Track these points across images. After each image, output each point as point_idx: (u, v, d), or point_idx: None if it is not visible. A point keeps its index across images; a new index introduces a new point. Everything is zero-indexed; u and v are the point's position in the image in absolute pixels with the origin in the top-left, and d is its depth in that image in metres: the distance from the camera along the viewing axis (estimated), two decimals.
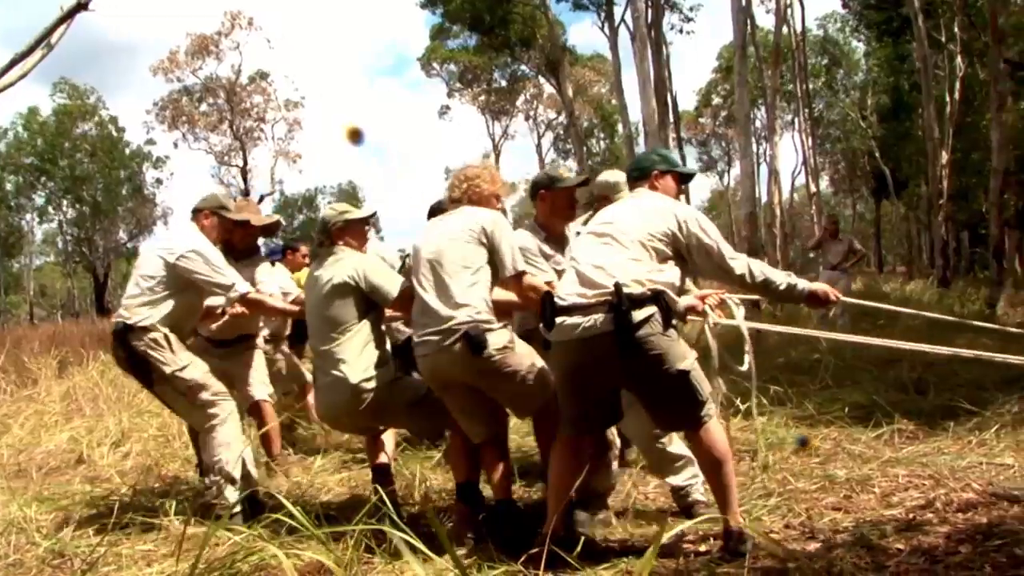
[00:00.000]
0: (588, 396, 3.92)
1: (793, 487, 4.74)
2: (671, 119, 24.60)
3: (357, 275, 4.50)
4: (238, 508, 4.66)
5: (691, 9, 31.39)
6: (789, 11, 28.99)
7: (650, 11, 21.51)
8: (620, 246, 3.85)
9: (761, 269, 3.97)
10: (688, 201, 37.22)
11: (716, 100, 51.13)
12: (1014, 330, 6.72)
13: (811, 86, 36.09)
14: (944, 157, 22.77)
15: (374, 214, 5.10)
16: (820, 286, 4.12)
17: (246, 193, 41.87)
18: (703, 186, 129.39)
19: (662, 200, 4.12)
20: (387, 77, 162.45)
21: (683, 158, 36.42)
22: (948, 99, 26.01)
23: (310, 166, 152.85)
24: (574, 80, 35.86)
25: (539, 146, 51.51)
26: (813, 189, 31.50)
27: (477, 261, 4.23)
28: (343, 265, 4.57)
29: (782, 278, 3.98)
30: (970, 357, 4.85)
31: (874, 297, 16.90)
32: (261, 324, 6.38)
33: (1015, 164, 23.04)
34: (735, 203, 46.06)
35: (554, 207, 4.93)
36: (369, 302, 4.56)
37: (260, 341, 6.42)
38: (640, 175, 4.34)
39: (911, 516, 4.10)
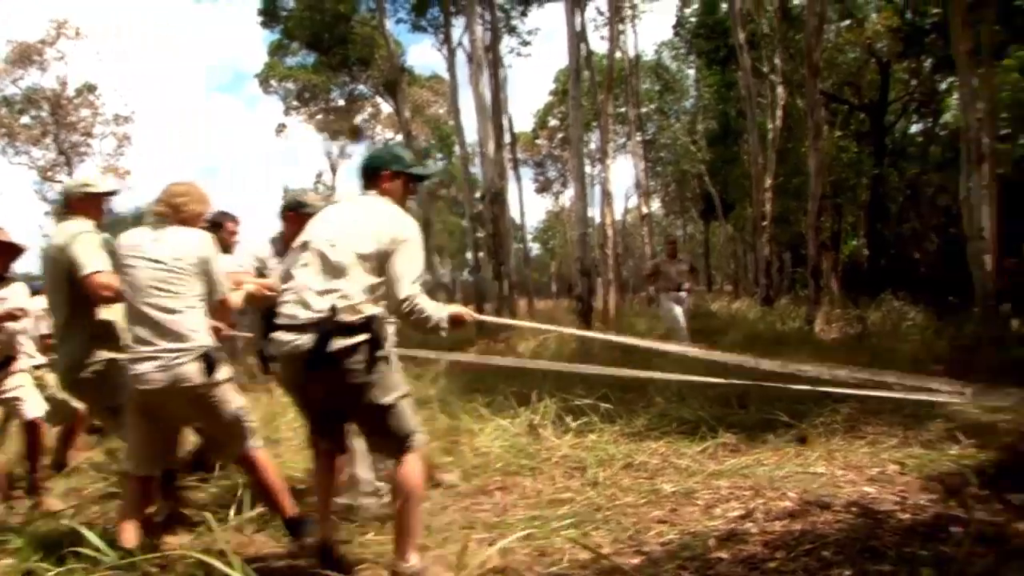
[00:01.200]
0: (312, 408, 4.07)
1: (621, 502, 4.88)
2: (507, 140, 24.91)
3: (65, 243, 4.47)
4: None
5: (529, 33, 32.02)
6: (622, 37, 29.86)
7: (488, 34, 21.77)
8: (336, 263, 3.83)
9: (425, 306, 3.88)
10: (523, 222, 37.74)
11: (552, 122, 51.87)
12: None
13: (644, 110, 37.14)
14: (767, 181, 23.81)
15: (116, 191, 5.15)
16: (460, 309, 4.23)
17: None
18: (539, 207, 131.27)
19: (383, 210, 4.05)
20: (224, 93, 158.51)
21: (519, 179, 36.91)
22: (771, 126, 27.19)
23: (141, 183, 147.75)
24: (412, 100, 35.83)
25: None
26: (645, 210, 32.37)
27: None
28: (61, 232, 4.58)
29: (437, 314, 3.94)
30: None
31: (703, 316, 17.49)
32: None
33: (830, 189, 24.31)
34: (570, 224, 46.92)
35: (300, 230, 4.68)
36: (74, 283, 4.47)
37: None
38: (370, 176, 4.21)
39: (732, 526, 4.27)
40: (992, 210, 15.06)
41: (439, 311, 3.96)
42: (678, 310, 13.39)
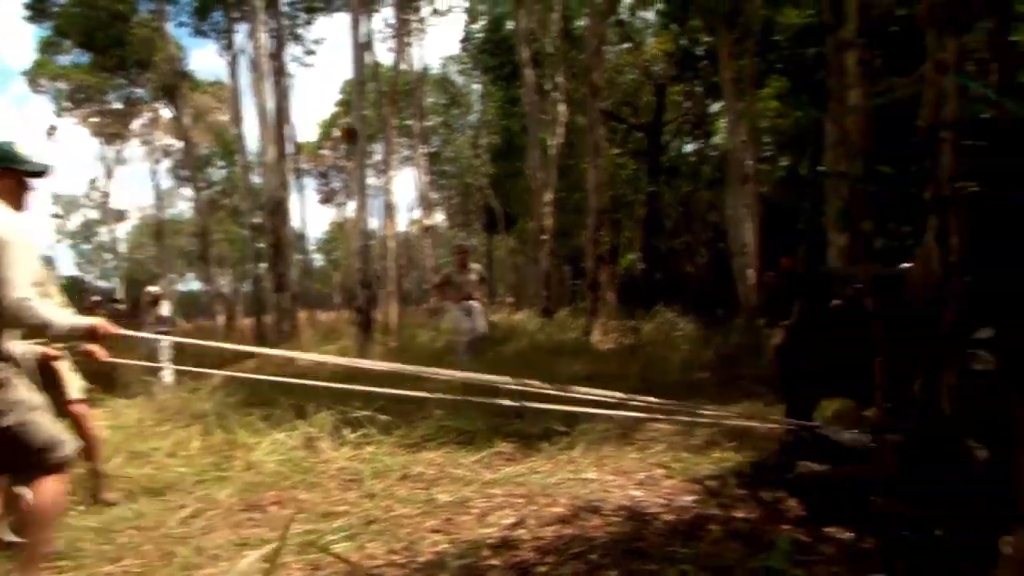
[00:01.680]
0: None
1: (397, 513, 4.84)
2: (291, 149, 24.51)
3: None
4: None
5: (314, 42, 31.60)
6: (409, 50, 29.92)
7: (273, 41, 21.31)
8: None
9: (39, 311, 3.55)
10: (306, 233, 37.11)
11: (337, 133, 51.35)
12: None
13: (429, 123, 37.29)
14: (548, 196, 24.39)
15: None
16: (98, 322, 3.87)
17: None
18: (324, 217, 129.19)
19: None
20: None
21: (302, 189, 36.26)
22: (552, 142, 27.87)
23: None
24: (193, 106, 34.57)
25: (155, 172, 48.94)
26: (428, 222, 32.51)
27: None
28: None
29: (59, 322, 3.66)
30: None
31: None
32: None
33: (609, 204, 25.12)
34: (354, 235, 46.51)
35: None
36: None
37: None
38: None
39: (505, 534, 4.32)
40: (755, 227, 16.01)
41: (63, 319, 3.67)
42: (467, 321, 13.15)
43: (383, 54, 36.13)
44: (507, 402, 4.85)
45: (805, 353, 5.58)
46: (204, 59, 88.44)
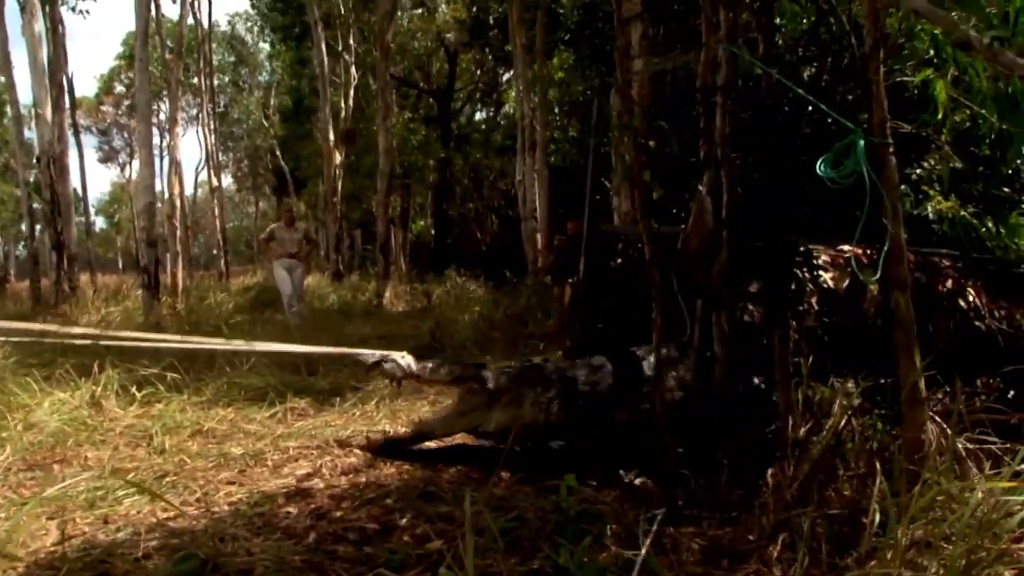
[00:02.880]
0: None
1: (190, 467, 4.78)
2: (67, 103, 23.18)
3: None
4: None
5: None
6: (196, 4, 28.85)
7: None
8: None
9: None
10: (86, 193, 35.43)
11: (119, 88, 48.93)
12: None
13: (217, 82, 36.09)
14: (338, 159, 24.18)
15: None
16: None
17: None
18: (103, 177, 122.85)
19: None
20: None
21: (80, 145, 34.41)
22: (344, 105, 27.62)
23: None
24: None
25: None
26: (215, 183, 31.58)
27: None
28: None
29: None
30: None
31: (271, 289, 17.38)
32: None
33: (400, 170, 25.19)
34: (137, 197, 44.57)
35: None
36: None
37: None
38: None
39: (300, 484, 4.36)
40: (543, 192, 16.43)
41: None
42: (288, 276, 13.05)
43: (168, 7, 34.73)
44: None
45: (591, 308, 5.85)
46: None
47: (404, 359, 4.95)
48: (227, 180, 48.58)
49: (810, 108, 6.10)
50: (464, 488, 4.01)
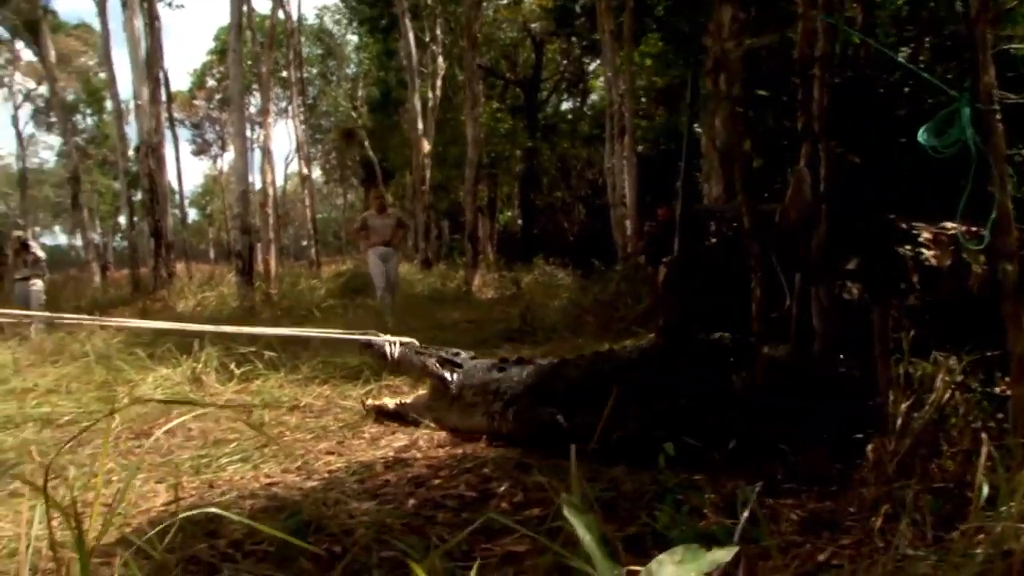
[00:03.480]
0: None
1: (290, 438, 4.90)
2: (163, 96, 23.81)
3: None
4: None
5: None
6: None
7: None
8: None
9: None
10: (181, 185, 36.33)
11: (211, 83, 49.99)
12: None
13: (306, 74, 36.61)
14: (426, 147, 24.39)
15: None
16: None
17: None
18: (196, 170, 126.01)
19: None
20: None
21: (176, 138, 35.19)
22: (431, 95, 27.83)
23: None
24: (58, 49, 33.07)
25: (15, 117, 46.77)
26: (306, 171, 32.08)
27: None
28: None
29: None
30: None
31: (363, 277, 17.61)
32: None
33: (487, 159, 25.34)
34: (229, 189, 45.53)
35: None
36: None
37: None
38: None
39: (398, 454, 4.44)
40: (632, 180, 16.37)
41: None
42: (381, 263, 12.93)
43: (258, 3, 35.41)
44: None
45: (686, 288, 5.81)
46: (69, 3, 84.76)
47: (393, 345, 5.10)
48: (316, 172, 49.25)
49: (907, 88, 6.00)
50: (561, 461, 4.02)
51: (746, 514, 3.08)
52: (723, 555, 1.70)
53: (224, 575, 2.82)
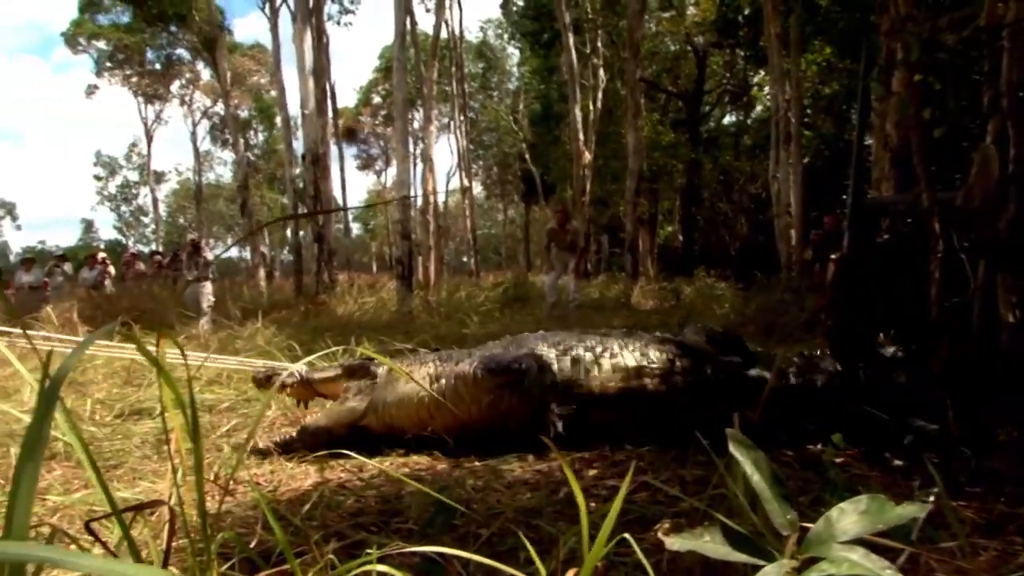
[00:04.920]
0: None
1: None
2: (329, 109, 24.54)
3: None
4: None
5: (352, 1, 31.74)
6: (448, 12, 29.87)
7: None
8: None
9: None
10: (345, 198, 37.53)
11: (376, 99, 51.45)
12: None
13: (467, 89, 37.23)
14: (587, 158, 24.36)
15: None
16: None
17: None
18: (360, 185, 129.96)
19: None
20: (30, 55, 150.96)
21: (341, 151, 36.35)
22: (592, 108, 27.83)
23: None
24: (233, 68, 34.71)
25: (194, 134, 49.40)
26: (467, 183, 32.57)
27: None
28: None
29: None
30: None
31: (524, 287, 17.62)
32: None
33: (648, 172, 25.13)
34: (393, 191, 46.65)
35: None
36: None
37: None
38: None
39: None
40: (798, 189, 15.90)
41: None
42: (556, 274, 13.55)
43: (423, 18, 36.27)
44: None
45: (856, 288, 5.51)
46: (245, 27, 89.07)
47: (296, 371, 4.76)
48: (476, 188, 49.99)
49: None
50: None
51: (923, 514, 2.84)
52: (913, 510, 1.52)
53: (372, 549, 2.76)
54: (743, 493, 2.12)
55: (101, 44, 41.91)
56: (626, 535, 2.03)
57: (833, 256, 5.94)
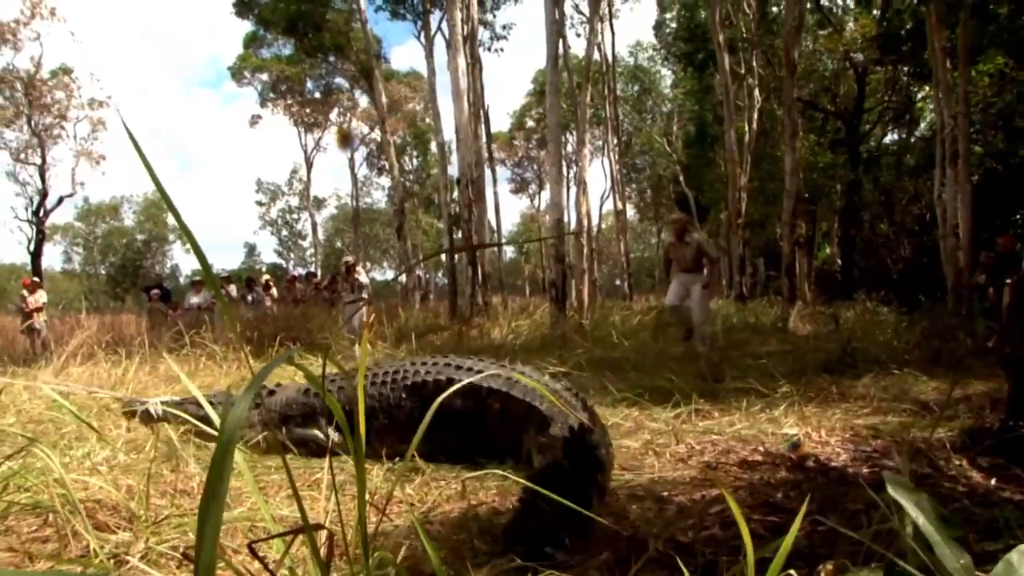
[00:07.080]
0: None
1: None
2: (483, 133, 24.90)
3: None
4: None
5: (504, 28, 32.16)
6: (601, 36, 29.93)
7: (465, 26, 21.65)
8: None
9: None
10: (499, 222, 37.97)
11: (529, 123, 51.92)
12: None
13: (620, 111, 37.23)
14: (742, 179, 23.98)
15: None
16: None
17: (44, 193, 39.53)
18: (514, 208, 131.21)
19: None
20: (205, 88, 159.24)
21: (495, 180, 36.85)
22: (747, 129, 27.41)
23: (116, 171, 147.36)
24: (389, 95, 35.66)
25: (352, 160, 50.83)
26: (620, 206, 32.47)
27: None
28: None
29: None
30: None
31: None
32: None
33: (806, 194, 24.53)
34: (547, 228, 46.91)
35: None
36: None
37: None
38: None
39: (703, 473, 4.20)
40: (966, 208, 15.19)
41: None
42: (677, 290, 12.07)
43: (575, 42, 36.47)
44: None
45: None
46: (401, 56, 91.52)
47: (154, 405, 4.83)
48: (630, 211, 49.77)
49: None
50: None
51: None
52: None
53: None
54: (910, 530, 2.00)
55: (264, 76, 43.82)
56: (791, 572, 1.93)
57: (1009, 280, 5.64)
